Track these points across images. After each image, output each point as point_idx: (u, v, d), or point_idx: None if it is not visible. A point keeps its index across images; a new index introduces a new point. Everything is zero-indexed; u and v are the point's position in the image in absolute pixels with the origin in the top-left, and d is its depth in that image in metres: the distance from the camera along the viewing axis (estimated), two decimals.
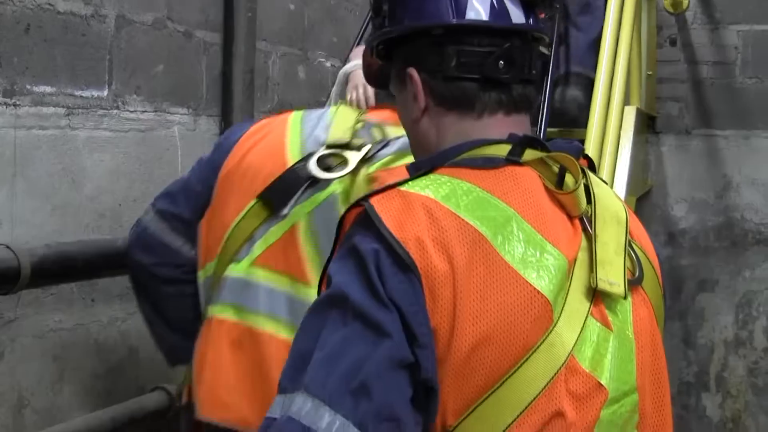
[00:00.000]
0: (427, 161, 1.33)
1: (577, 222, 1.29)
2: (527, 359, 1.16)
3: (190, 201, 2.01)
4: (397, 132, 1.89)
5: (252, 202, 1.90)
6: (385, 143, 1.91)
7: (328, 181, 1.86)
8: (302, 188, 1.86)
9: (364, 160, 1.88)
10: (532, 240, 1.22)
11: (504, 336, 1.16)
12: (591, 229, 1.28)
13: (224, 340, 1.88)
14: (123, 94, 2.82)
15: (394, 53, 1.42)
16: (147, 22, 2.91)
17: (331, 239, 1.53)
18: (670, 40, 4.66)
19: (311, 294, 1.71)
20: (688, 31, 4.58)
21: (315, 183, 1.86)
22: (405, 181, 1.24)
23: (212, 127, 3.23)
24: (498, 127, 1.33)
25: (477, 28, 1.33)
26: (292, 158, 1.91)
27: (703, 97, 4.56)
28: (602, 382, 1.20)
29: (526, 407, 1.15)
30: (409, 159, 1.54)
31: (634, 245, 1.35)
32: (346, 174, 1.85)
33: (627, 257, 1.29)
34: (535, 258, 1.21)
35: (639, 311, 1.30)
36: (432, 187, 1.22)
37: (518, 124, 1.35)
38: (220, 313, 1.90)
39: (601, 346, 1.23)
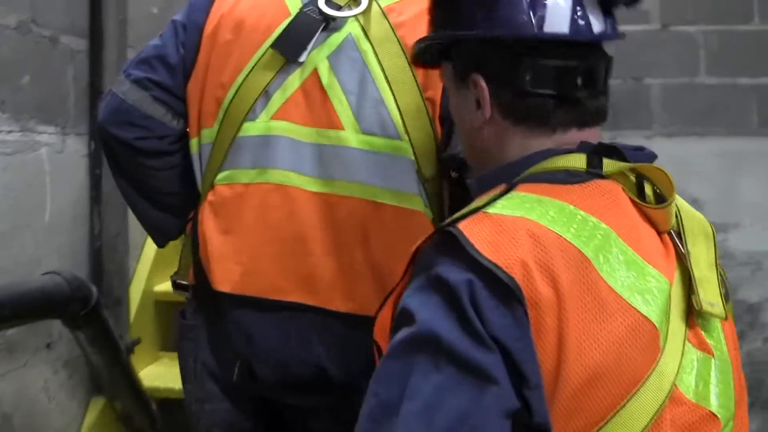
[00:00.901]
0: (493, 177, 1.25)
1: (666, 237, 1.22)
2: (635, 393, 1.07)
3: (170, 67, 1.79)
4: None
5: (258, 54, 1.73)
6: None
7: (342, 22, 1.72)
8: (318, 32, 1.70)
9: None
10: (633, 261, 1.14)
11: (613, 370, 1.06)
12: (682, 245, 1.22)
13: (248, 204, 1.72)
14: None
15: (454, 50, 1.30)
16: (10, 25, 2.44)
17: (354, 81, 1.67)
18: None
19: (341, 136, 1.67)
20: None
21: (327, 26, 1.71)
22: (486, 204, 1.13)
23: (81, 147, 2.78)
24: (570, 140, 1.25)
25: (557, 42, 1.23)
26: (292, 6, 1.74)
27: None
28: (713, 411, 1.13)
29: None
30: None
31: None
32: (360, 10, 1.71)
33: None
34: (638, 281, 1.12)
35: (726, 329, 1.24)
36: (522, 208, 1.12)
37: (591, 136, 1.27)
38: (239, 177, 1.73)
39: (704, 372, 1.15)
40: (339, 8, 1.71)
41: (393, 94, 1.68)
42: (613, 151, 1.24)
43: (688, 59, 4.62)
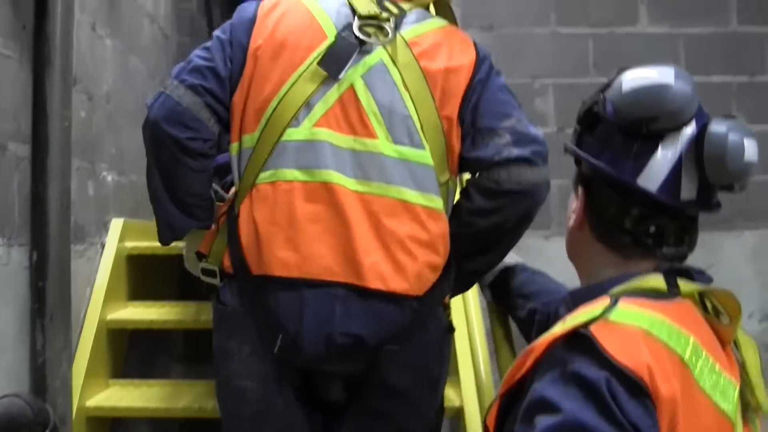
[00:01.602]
0: (586, 292, 1.47)
1: (728, 349, 1.44)
2: None
3: (220, 78, 2.08)
4: (405, 5, 2.17)
5: (300, 70, 2.04)
6: (404, 14, 2.14)
7: (372, 47, 2.06)
8: (354, 54, 2.03)
9: (395, 28, 2.09)
10: (713, 368, 1.34)
11: None
12: (740, 355, 1.45)
13: (297, 199, 1.99)
14: None
15: (582, 159, 1.56)
16: None
17: (386, 99, 2.01)
18: None
19: (376, 144, 2.00)
20: None
21: (361, 50, 2.05)
22: (603, 313, 1.32)
23: (23, 259, 2.62)
24: (643, 265, 1.48)
25: (643, 194, 1.45)
26: (328, 31, 2.08)
27: None
28: None
29: None
30: (428, 26, 2.13)
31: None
32: (388, 40, 2.06)
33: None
34: (718, 384, 1.33)
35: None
36: (636, 319, 1.31)
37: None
38: (284, 175, 2.01)
39: None
40: (369, 36, 2.06)
41: (417, 112, 2.04)
42: (684, 273, 1.46)
43: None
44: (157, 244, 2.32)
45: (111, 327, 3.24)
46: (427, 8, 2.30)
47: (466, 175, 2.30)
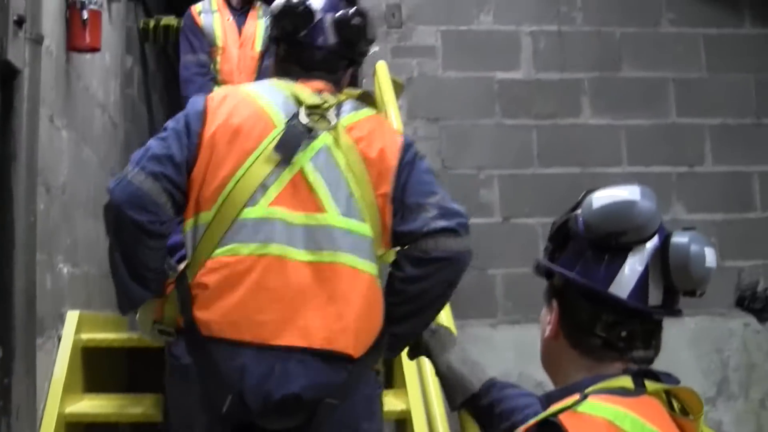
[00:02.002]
0: (560, 393, 1.57)
1: None
2: None
3: (177, 165, 2.25)
4: (334, 98, 2.40)
5: (254, 156, 2.26)
6: (341, 104, 2.40)
7: (317, 133, 2.31)
8: (303, 141, 2.28)
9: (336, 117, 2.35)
10: None
11: None
12: None
13: (251, 271, 2.19)
14: None
15: (556, 273, 1.67)
16: None
17: (332, 178, 2.26)
18: None
19: (326, 218, 2.24)
20: None
21: (308, 136, 2.30)
22: (572, 405, 1.45)
23: None
24: (616, 368, 1.58)
25: (615, 301, 1.58)
26: (277, 120, 2.31)
27: None
28: None
29: None
30: (362, 114, 2.39)
31: None
32: (331, 127, 2.32)
33: None
34: None
35: None
36: (602, 411, 1.43)
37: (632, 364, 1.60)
38: (240, 250, 2.20)
39: None
40: (315, 123, 2.32)
41: (358, 190, 2.28)
42: (650, 374, 1.57)
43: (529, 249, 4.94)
44: (112, 336, 2.40)
45: (69, 420, 3.20)
46: (357, 98, 2.50)
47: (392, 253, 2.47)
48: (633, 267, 1.59)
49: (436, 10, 5.22)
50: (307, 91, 2.38)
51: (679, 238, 1.59)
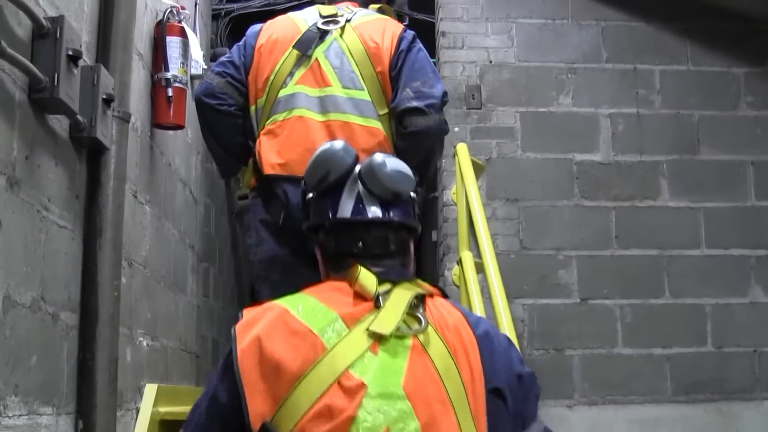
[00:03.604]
0: None
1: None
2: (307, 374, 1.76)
3: (236, 66, 3.15)
4: (353, 8, 3.23)
5: (286, 54, 3.09)
6: (354, 12, 3.18)
7: (329, 33, 3.10)
8: (317, 39, 3.09)
9: (346, 21, 3.13)
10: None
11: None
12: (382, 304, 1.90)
13: (285, 129, 3.02)
14: (5, 395, 2.20)
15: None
16: (26, 303, 2.35)
17: (338, 62, 3.05)
18: None
19: (333, 90, 3.02)
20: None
21: (322, 36, 3.10)
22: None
23: (69, 428, 2.61)
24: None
25: (345, 222, 2.07)
26: (302, 27, 3.14)
27: None
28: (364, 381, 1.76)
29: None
30: (369, 17, 3.18)
31: (431, 327, 1.89)
32: (339, 27, 3.11)
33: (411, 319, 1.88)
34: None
35: (415, 352, 1.83)
36: (284, 299, 1.97)
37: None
38: (278, 118, 3.04)
39: (369, 364, 1.79)
40: (327, 25, 3.11)
41: (358, 68, 3.04)
42: (391, 274, 2.02)
43: (606, 331, 4.86)
44: (188, 408, 2.35)
45: None
46: (378, 10, 3.26)
47: None
48: (349, 192, 2.08)
49: (516, 92, 5.25)
50: (329, 8, 3.23)
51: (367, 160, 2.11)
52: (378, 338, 1.81)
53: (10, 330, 2.23)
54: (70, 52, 2.43)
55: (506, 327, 2.88)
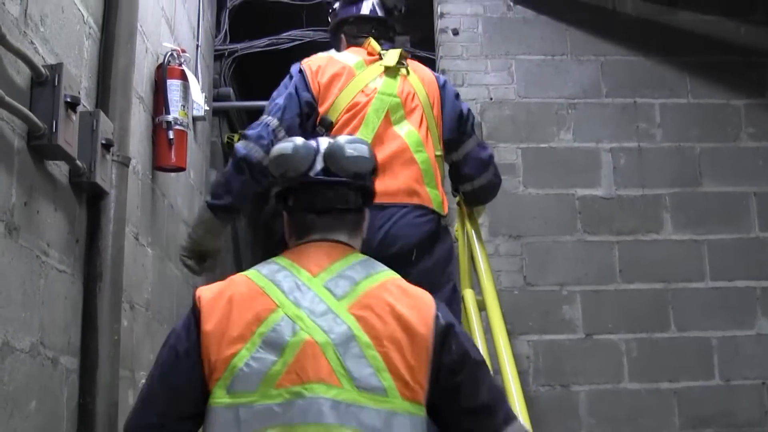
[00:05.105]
0: None
1: None
2: None
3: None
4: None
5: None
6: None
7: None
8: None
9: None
10: None
11: None
12: None
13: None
14: None
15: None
16: (25, 349, 2.35)
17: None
18: None
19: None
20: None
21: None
22: None
23: None
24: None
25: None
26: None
27: None
28: None
29: None
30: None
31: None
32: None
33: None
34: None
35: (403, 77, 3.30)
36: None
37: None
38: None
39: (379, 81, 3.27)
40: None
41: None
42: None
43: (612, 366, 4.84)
44: None
45: None
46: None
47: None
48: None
49: (516, 128, 5.27)
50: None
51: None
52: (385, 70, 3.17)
53: (8, 375, 2.24)
54: (69, 99, 2.46)
55: (507, 364, 2.86)
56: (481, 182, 3.42)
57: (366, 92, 3.13)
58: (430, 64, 5.56)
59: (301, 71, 3.16)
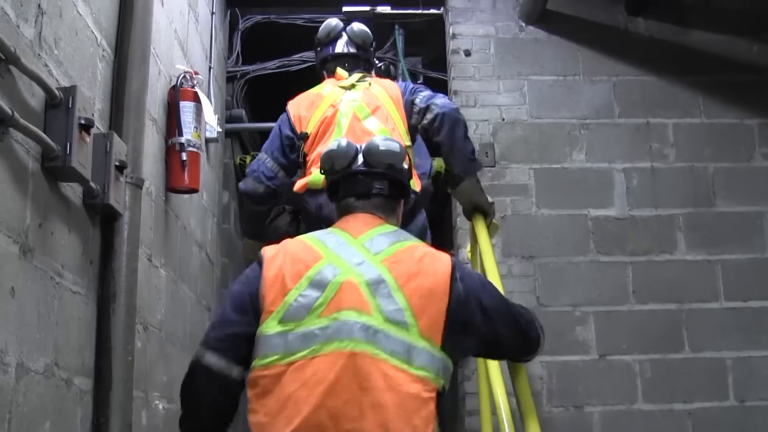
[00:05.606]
0: None
1: None
2: None
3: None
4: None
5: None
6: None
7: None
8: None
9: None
10: None
11: None
12: None
13: None
14: None
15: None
16: (39, 370, 2.36)
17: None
18: None
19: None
20: None
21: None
22: None
23: None
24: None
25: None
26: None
27: None
28: None
29: None
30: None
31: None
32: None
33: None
34: None
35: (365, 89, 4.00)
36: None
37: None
38: None
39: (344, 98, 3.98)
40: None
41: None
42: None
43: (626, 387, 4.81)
44: None
45: None
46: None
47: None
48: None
49: (529, 148, 5.27)
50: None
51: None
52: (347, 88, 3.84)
53: (23, 397, 2.24)
54: (83, 121, 2.47)
55: (521, 386, 2.86)
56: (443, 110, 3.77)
57: (334, 105, 3.80)
58: (442, 85, 5.59)
59: (286, 111, 3.95)
